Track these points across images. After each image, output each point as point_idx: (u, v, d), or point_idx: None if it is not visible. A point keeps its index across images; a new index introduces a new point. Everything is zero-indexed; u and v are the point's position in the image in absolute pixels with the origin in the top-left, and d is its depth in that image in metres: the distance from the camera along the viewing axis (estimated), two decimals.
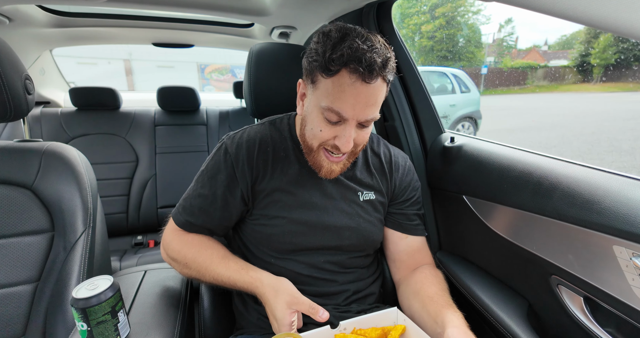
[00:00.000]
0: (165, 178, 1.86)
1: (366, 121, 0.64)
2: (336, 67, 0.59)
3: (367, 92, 0.61)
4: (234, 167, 0.73)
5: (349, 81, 0.60)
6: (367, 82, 0.59)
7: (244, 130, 0.79)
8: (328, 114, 0.63)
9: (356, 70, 0.58)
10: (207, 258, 0.73)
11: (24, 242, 0.76)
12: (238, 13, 1.32)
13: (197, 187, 0.76)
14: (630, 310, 0.53)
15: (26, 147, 0.82)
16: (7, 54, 0.75)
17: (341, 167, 0.72)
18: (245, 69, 0.97)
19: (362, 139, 0.68)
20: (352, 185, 0.78)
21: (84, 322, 0.57)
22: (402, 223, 0.83)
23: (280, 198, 0.74)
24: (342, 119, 0.63)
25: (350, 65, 0.58)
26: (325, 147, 0.69)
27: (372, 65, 0.58)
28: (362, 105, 0.61)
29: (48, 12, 1.43)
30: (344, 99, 0.61)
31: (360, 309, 0.77)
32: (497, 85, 13.07)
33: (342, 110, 0.61)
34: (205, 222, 0.75)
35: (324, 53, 0.60)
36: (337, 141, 0.65)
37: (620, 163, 3.99)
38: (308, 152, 0.72)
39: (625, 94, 9.89)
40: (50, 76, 2.01)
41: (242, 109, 2.11)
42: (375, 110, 0.64)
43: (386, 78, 0.62)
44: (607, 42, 9.67)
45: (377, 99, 0.63)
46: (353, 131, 0.64)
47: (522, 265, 0.73)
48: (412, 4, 16.09)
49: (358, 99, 0.61)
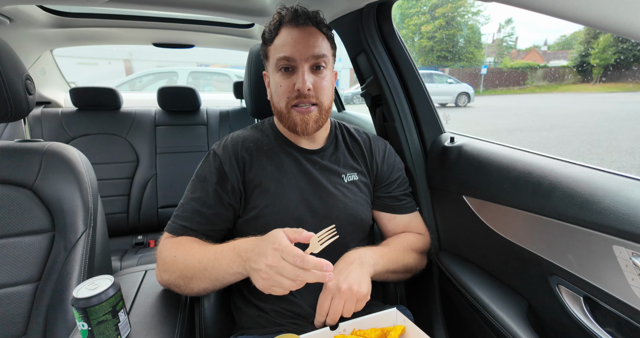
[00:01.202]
0: (165, 178, 1.86)
1: (316, 59, 0.72)
2: (275, 30, 0.74)
3: (303, 32, 0.72)
4: (222, 164, 0.77)
5: (285, 32, 0.73)
6: (299, 25, 0.72)
7: (228, 135, 0.84)
8: (280, 63, 0.73)
9: (288, 20, 0.73)
10: (196, 253, 0.68)
11: (25, 242, 0.76)
12: (238, 13, 1.32)
13: (188, 193, 0.78)
14: (629, 310, 0.53)
15: (27, 147, 0.82)
16: (8, 54, 0.75)
17: (314, 119, 0.75)
18: (245, 69, 0.97)
19: (320, 85, 0.74)
20: (335, 168, 0.83)
21: (84, 322, 0.57)
22: (391, 205, 0.87)
23: (268, 186, 0.76)
24: (292, 62, 0.72)
25: (284, 21, 0.73)
26: (293, 105, 0.74)
27: (296, 11, 0.73)
28: (302, 45, 0.71)
29: (48, 12, 1.44)
30: (286, 44, 0.72)
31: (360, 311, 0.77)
32: (496, 86, 13.08)
33: (287, 51, 0.72)
34: (201, 223, 0.75)
35: (266, 30, 0.76)
36: (296, 86, 0.72)
37: (619, 163, 3.99)
38: (281, 118, 0.77)
39: (624, 94, 9.90)
40: (51, 76, 2.01)
41: (242, 109, 2.11)
42: (320, 50, 0.73)
43: (319, 27, 0.74)
44: (607, 42, 9.68)
45: (316, 41, 0.73)
46: (306, 71, 0.72)
47: (521, 265, 0.74)
48: (412, 4, 16.10)
49: (297, 40, 0.72)
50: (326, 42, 0.76)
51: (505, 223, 0.76)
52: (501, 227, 0.77)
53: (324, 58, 0.74)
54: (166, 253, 0.71)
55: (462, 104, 9.94)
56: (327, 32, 0.77)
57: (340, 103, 1.93)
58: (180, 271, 0.67)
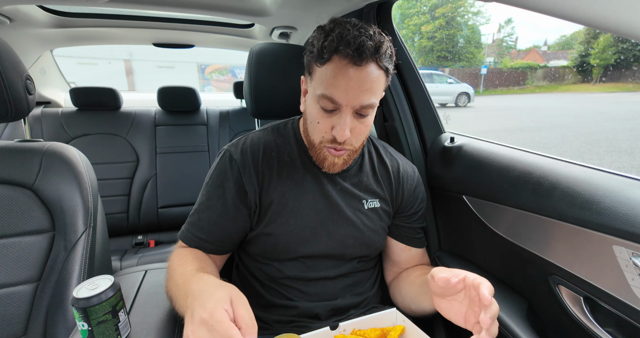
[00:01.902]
0: (165, 178, 1.86)
1: (362, 108, 0.63)
2: (328, 54, 0.60)
3: (359, 76, 0.60)
4: (241, 173, 0.71)
5: (340, 65, 0.60)
6: (358, 65, 0.59)
7: (247, 136, 0.78)
8: (323, 102, 0.63)
9: (346, 54, 0.59)
10: (177, 277, 0.63)
11: (25, 242, 0.76)
12: (238, 13, 1.32)
13: (204, 200, 0.72)
14: (629, 310, 0.53)
15: (27, 147, 0.82)
16: (8, 54, 0.75)
17: (342, 161, 0.71)
18: (245, 69, 0.97)
19: (361, 131, 0.67)
20: (357, 193, 0.77)
21: (84, 322, 0.57)
22: (408, 237, 0.83)
23: (286, 203, 0.72)
24: (336, 105, 0.63)
25: (341, 50, 0.59)
26: (326, 145, 0.68)
27: (361, 47, 0.58)
28: (354, 90, 0.61)
29: (48, 12, 1.44)
30: (336, 84, 0.61)
31: (360, 312, 0.77)
32: (496, 86, 13.07)
33: (335, 95, 0.61)
34: (218, 235, 0.71)
35: (318, 43, 0.62)
36: (334, 131, 0.64)
37: (619, 163, 3.99)
38: (312, 148, 0.71)
39: (624, 94, 9.90)
40: (51, 76, 2.01)
41: (242, 109, 2.11)
42: (370, 97, 0.63)
43: (381, 64, 0.61)
44: (607, 42, 9.68)
45: (371, 85, 0.62)
46: (349, 119, 0.63)
47: (521, 265, 0.74)
48: (412, 4, 16.10)
49: (350, 83, 0.60)
50: (382, 79, 0.64)
51: (505, 223, 0.76)
52: (501, 227, 0.77)
53: (373, 105, 0.64)
54: (169, 269, 0.68)
55: (462, 104, 9.96)
56: (389, 65, 0.63)
57: None
58: (167, 292, 0.66)
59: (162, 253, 1.59)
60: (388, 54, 0.62)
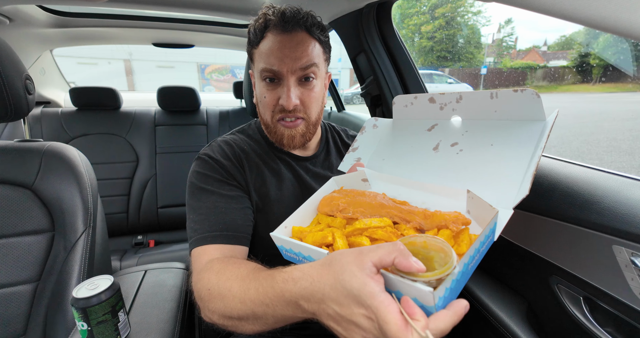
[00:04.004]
0: (165, 178, 1.86)
1: (303, 71, 0.66)
2: (260, 32, 0.67)
3: (290, 41, 0.65)
4: (220, 165, 0.70)
5: (272, 38, 0.65)
6: (287, 32, 0.65)
7: (214, 141, 0.77)
8: (264, 75, 0.67)
9: (275, 25, 0.65)
10: (235, 293, 0.48)
11: (24, 242, 0.76)
12: (238, 13, 1.33)
13: (193, 201, 0.67)
14: (629, 310, 0.53)
15: (26, 147, 0.82)
16: (8, 54, 0.75)
17: (300, 133, 0.72)
18: (245, 69, 0.97)
19: (309, 98, 0.69)
20: (329, 174, 0.80)
21: (84, 322, 0.57)
22: None
23: (266, 193, 0.73)
24: (276, 74, 0.66)
25: (270, 23, 0.65)
26: (277, 118, 0.70)
27: (284, 14, 0.65)
28: (289, 55, 0.64)
29: (48, 12, 1.44)
30: (273, 54, 0.65)
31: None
32: (496, 86, 13.08)
33: (273, 64, 0.65)
34: (227, 223, 0.65)
35: (252, 30, 0.69)
36: (281, 100, 0.67)
37: (619, 163, 3.99)
38: (268, 130, 0.74)
39: (624, 94, 9.91)
40: (51, 76, 2.01)
41: (242, 109, 2.11)
42: (308, 60, 0.66)
43: (312, 33, 0.67)
44: (607, 42, 9.68)
45: (305, 49, 0.65)
46: (292, 85, 0.66)
47: (521, 265, 0.74)
48: (412, 4, 16.11)
49: (284, 50, 0.64)
50: (318, 48, 0.68)
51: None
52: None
53: (313, 68, 0.67)
54: (199, 285, 0.55)
55: None
56: (320, 35, 0.69)
57: (340, 103, 1.93)
58: (221, 311, 0.49)
59: (161, 253, 1.59)
60: (317, 24, 0.68)
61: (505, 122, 0.56)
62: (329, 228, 0.52)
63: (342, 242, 0.48)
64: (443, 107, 0.63)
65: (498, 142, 0.56)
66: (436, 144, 0.62)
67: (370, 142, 0.72)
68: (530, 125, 0.53)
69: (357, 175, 0.64)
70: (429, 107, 0.65)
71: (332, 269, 0.36)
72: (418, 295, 0.34)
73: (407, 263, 0.34)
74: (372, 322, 0.33)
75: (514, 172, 0.52)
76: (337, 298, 0.35)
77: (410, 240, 0.41)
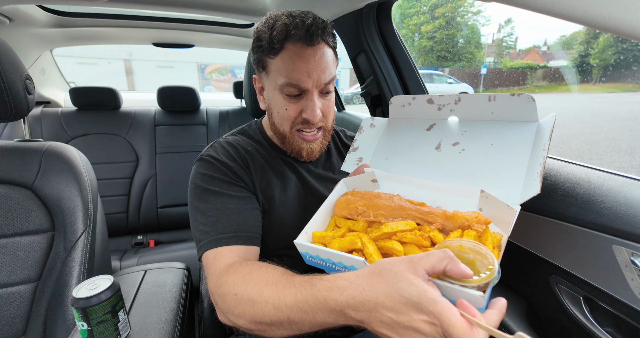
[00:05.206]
0: (165, 178, 1.86)
1: (325, 86, 0.66)
2: (279, 43, 0.62)
3: (315, 55, 0.62)
4: (226, 167, 0.69)
5: (295, 50, 0.62)
6: (312, 46, 0.62)
7: (215, 142, 0.76)
8: (288, 90, 0.64)
9: (298, 38, 0.61)
10: (268, 297, 0.46)
11: (24, 242, 0.76)
12: (238, 13, 1.33)
13: (200, 203, 0.65)
14: (629, 310, 0.53)
15: (26, 147, 0.82)
16: (8, 53, 0.75)
17: (320, 145, 0.73)
18: (245, 69, 0.97)
19: (328, 109, 0.69)
20: (331, 176, 0.81)
21: (84, 322, 0.57)
22: None
23: (271, 194, 0.72)
24: (302, 89, 0.64)
25: (292, 35, 0.61)
26: (297, 129, 0.69)
27: (310, 27, 0.61)
28: (315, 70, 0.63)
29: (48, 12, 1.44)
30: (298, 69, 0.62)
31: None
32: (496, 86, 13.07)
33: (300, 80, 0.63)
34: (239, 224, 0.63)
35: (265, 37, 0.63)
36: (305, 114, 0.66)
37: (619, 163, 3.99)
38: (284, 140, 0.72)
39: (624, 94, 9.90)
40: (51, 76, 2.01)
41: (242, 109, 2.11)
42: (329, 74, 0.65)
43: (328, 41, 0.65)
44: (607, 42, 9.68)
45: (327, 62, 0.65)
46: (317, 100, 0.65)
47: (521, 265, 0.74)
48: (412, 4, 16.11)
49: (310, 64, 0.62)
50: (332, 56, 0.67)
51: None
52: None
53: (333, 80, 0.67)
54: (223, 289, 0.52)
55: None
56: (334, 43, 0.68)
57: (340, 103, 1.93)
58: (251, 316, 0.47)
59: (161, 253, 1.59)
60: (331, 32, 0.66)
61: (502, 122, 0.58)
62: (354, 233, 0.51)
63: (373, 247, 0.48)
64: (441, 107, 0.64)
65: (497, 142, 0.57)
66: (437, 143, 0.63)
67: (370, 141, 0.72)
68: (525, 126, 0.56)
69: (367, 177, 0.64)
70: (427, 108, 0.65)
71: (384, 278, 0.37)
72: (468, 299, 0.36)
73: (458, 270, 0.36)
74: (435, 327, 0.34)
75: (516, 170, 0.53)
76: (394, 306, 0.36)
77: (447, 244, 0.42)
